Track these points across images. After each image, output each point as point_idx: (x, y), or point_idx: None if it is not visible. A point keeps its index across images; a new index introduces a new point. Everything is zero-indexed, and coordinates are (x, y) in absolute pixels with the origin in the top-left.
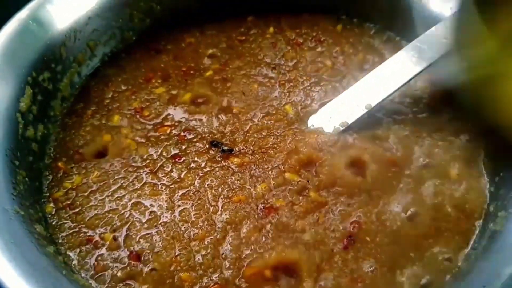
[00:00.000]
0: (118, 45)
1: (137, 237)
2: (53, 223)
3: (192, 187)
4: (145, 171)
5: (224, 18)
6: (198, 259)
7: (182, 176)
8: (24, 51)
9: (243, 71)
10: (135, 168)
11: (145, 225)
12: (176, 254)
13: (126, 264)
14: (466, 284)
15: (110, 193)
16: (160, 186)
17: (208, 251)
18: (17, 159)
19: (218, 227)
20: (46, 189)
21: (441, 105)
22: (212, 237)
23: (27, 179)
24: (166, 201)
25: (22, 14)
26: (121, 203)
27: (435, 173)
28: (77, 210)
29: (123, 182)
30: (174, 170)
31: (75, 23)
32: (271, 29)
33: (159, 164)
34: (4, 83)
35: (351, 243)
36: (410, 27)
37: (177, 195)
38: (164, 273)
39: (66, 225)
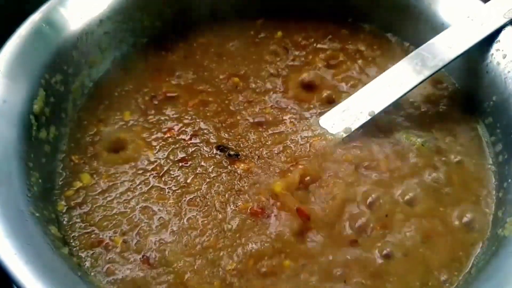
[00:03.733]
0: (129, 47)
1: (147, 242)
2: (64, 222)
3: (199, 192)
4: (152, 174)
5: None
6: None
7: (188, 181)
8: (37, 53)
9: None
10: (142, 171)
11: (154, 230)
12: (188, 261)
13: (138, 269)
14: None
15: (118, 195)
16: (167, 190)
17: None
18: (31, 161)
19: (227, 235)
20: (58, 186)
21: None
22: (221, 245)
23: (40, 180)
24: (173, 206)
25: (35, 17)
26: (129, 206)
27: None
28: (87, 209)
29: (131, 185)
30: (181, 174)
31: (87, 26)
32: (279, 33)
33: (165, 168)
34: (18, 85)
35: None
36: (417, 34)
37: (184, 200)
38: (179, 281)
39: (77, 224)
